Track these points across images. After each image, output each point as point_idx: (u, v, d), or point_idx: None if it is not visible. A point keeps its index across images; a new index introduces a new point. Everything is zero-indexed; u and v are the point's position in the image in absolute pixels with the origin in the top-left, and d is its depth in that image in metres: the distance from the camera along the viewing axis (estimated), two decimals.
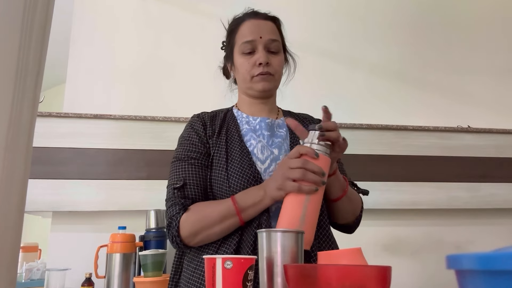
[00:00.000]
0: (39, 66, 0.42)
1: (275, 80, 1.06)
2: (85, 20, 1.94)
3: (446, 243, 1.87)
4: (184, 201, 0.97)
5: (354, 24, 2.17)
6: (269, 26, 1.07)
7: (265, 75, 1.03)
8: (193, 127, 1.09)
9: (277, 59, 1.05)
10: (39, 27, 0.42)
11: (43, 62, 0.43)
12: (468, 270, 0.35)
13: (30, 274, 1.92)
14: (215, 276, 0.65)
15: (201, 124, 1.09)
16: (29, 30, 0.41)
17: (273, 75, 1.05)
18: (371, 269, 0.55)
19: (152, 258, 1.29)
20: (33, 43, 0.41)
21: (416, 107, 2.09)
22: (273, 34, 1.06)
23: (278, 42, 1.06)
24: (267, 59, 1.02)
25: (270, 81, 1.05)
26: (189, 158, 1.03)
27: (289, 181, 0.82)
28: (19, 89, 0.40)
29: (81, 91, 1.85)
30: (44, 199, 1.58)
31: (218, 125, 1.09)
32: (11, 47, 0.39)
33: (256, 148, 1.03)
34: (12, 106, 0.39)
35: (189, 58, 1.97)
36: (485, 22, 2.30)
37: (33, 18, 0.41)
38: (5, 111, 0.39)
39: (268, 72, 1.03)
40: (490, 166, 1.92)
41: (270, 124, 1.09)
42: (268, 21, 1.08)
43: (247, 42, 1.04)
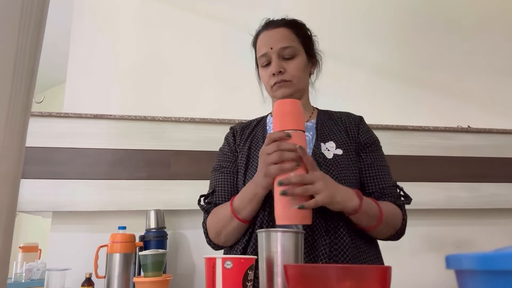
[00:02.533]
0: (34, 66, 0.42)
1: (293, 85, 1.07)
2: (85, 20, 1.94)
3: (446, 243, 1.86)
4: (208, 207, 1.08)
5: (354, 24, 2.17)
6: (280, 34, 1.08)
7: (281, 83, 1.06)
8: (226, 138, 1.20)
9: (293, 64, 1.07)
10: (35, 27, 0.42)
11: (37, 61, 0.43)
12: (468, 270, 0.35)
13: (30, 274, 1.92)
14: (215, 276, 0.65)
15: (232, 135, 1.18)
16: (26, 30, 0.41)
17: (289, 80, 1.06)
18: (371, 269, 0.55)
19: (152, 258, 1.29)
20: (28, 43, 0.41)
21: (416, 107, 2.09)
22: (284, 41, 1.07)
23: (291, 48, 1.07)
24: (278, 68, 1.05)
25: (288, 87, 1.07)
26: (220, 167, 1.13)
27: (271, 165, 0.85)
28: (15, 90, 0.40)
29: (81, 91, 1.85)
30: (44, 199, 1.58)
31: (247, 134, 1.16)
32: (9, 47, 0.39)
33: None
34: (9, 107, 0.39)
35: (189, 58, 1.97)
36: (485, 22, 2.30)
37: (30, 17, 0.41)
38: (2, 112, 0.39)
39: (283, 79, 1.06)
40: (490, 166, 1.92)
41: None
42: (280, 28, 1.09)
43: (262, 56, 1.09)
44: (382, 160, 1.09)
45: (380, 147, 1.12)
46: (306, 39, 1.12)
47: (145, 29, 1.98)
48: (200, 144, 1.71)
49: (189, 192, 1.66)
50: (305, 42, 1.11)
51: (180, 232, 1.69)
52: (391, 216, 0.99)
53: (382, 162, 1.08)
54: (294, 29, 1.10)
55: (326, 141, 1.06)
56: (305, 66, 1.10)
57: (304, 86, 1.12)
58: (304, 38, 1.12)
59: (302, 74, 1.09)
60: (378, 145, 1.12)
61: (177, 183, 1.67)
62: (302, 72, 1.09)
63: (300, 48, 1.09)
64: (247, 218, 0.97)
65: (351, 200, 0.89)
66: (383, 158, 1.10)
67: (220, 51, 2.00)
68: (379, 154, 1.10)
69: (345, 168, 1.01)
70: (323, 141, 1.06)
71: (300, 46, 1.09)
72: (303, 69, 1.09)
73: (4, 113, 0.39)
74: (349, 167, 1.02)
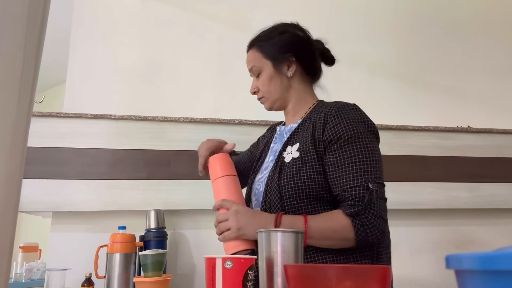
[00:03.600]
0: (36, 66, 0.42)
1: (267, 99, 1.16)
2: (85, 20, 1.94)
3: (446, 243, 1.86)
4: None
5: (354, 24, 2.17)
6: (248, 57, 1.18)
7: (260, 100, 1.17)
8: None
9: (260, 81, 1.15)
10: (39, 28, 0.42)
11: (39, 62, 0.43)
12: (468, 270, 0.35)
13: (30, 274, 1.92)
14: (215, 276, 0.65)
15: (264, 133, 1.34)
16: (32, 32, 0.41)
17: (263, 97, 1.16)
18: (371, 269, 0.55)
19: (152, 258, 1.29)
20: (35, 44, 0.41)
21: (416, 107, 2.09)
22: (250, 63, 1.16)
23: (254, 67, 1.15)
24: (252, 89, 1.17)
25: (264, 102, 1.17)
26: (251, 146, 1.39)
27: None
28: (23, 91, 0.40)
29: (81, 91, 1.85)
30: (44, 199, 1.58)
31: (268, 136, 1.28)
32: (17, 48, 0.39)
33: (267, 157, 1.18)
34: (17, 108, 0.39)
35: (189, 58, 1.97)
36: (485, 22, 2.30)
37: (36, 19, 0.41)
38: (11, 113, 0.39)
39: (259, 97, 1.17)
40: (490, 166, 1.92)
41: (279, 132, 1.20)
42: (248, 52, 1.18)
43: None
44: (348, 157, 0.97)
45: (351, 141, 0.99)
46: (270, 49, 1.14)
47: (145, 29, 1.98)
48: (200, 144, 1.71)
49: (189, 192, 1.66)
50: (269, 53, 1.14)
51: (180, 232, 1.69)
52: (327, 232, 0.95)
53: (348, 160, 0.97)
54: (256, 46, 1.16)
55: (294, 143, 1.07)
56: (273, 77, 1.13)
57: (279, 94, 1.14)
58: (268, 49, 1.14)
59: (271, 86, 1.13)
60: (348, 139, 0.99)
61: (177, 183, 1.67)
62: (270, 83, 1.13)
63: (264, 63, 1.14)
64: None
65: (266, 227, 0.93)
66: (351, 155, 0.97)
67: (220, 51, 2.00)
68: (345, 150, 0.98)
69: (297, 172, 1.00)
70: (291, 144, 1.08)
71: (265, 60, 1.14)
72: (270, 81, 1.13)
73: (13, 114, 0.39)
74: (303, 171, 0.99)
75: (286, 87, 1.14)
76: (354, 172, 0.96)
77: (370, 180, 0.95)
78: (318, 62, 1.19)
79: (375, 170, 0.97)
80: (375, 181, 0.96)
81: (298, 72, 1.14)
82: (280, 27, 1.16)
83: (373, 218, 0.94)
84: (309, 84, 1.18)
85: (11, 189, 0.39)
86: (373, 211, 0.94)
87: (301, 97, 1.16)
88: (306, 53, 1.16)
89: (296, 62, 1.13)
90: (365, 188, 0.95)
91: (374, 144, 1.01)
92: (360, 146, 0.98)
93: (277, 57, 1.13)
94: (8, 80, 0.39)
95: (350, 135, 0.99)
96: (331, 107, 1.06)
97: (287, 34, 1.15)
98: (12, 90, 0.39)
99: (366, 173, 0.96)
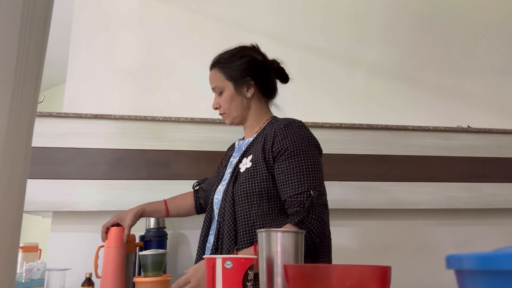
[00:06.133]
0: (39, 65, 0.42)
1: (228, 116, 1.27)
2: (85, 20, 1.94)
3: (446, 243, 1.86)
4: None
5: (354, 25, 2.17)
6: (211, 76, 1.29)
7: (222, 115, 1.29)
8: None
9: (221, 99, 1.26)
10: (39, 24, 0.42)
11: (43, 60, 0.43)
12: (468, 270, 0.35)
13: (30, 274, 1.92)
14: (215, 276, 0.65)
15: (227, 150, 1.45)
16: (28, 27, 0.41)
17: (224, 113, 1.27)
18: (371, 269, 0.55)
19: (152, 258, 1.29)
20: (32, 40, 0.41)
21: (416, 107, 2.09)
22: (213, 82, 1.27)
23: (216, 87, 1.26)
24: (215, 105, 1.28)
25: (226, 118, 1.29)
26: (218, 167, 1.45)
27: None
28: (18, 88, 0.40)
29: (81, 91, 1.84)
30: (44, 199, 1.57)
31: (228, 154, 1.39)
32: (9, 45, 0.39)
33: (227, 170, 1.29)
34: (11, 106, 0.39)
35: (189, 58, 1.97)
36: (485, 22, 2.30)
37: (33, 14, 0.41)
38: (4, 111, 0.39)
39: (220, 113, 1.29)
40: (490, 166, 1.92)
41: (237, 146, 1.34)
42: (211, 71, 1.29)
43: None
44: (295, 167, 1.10)
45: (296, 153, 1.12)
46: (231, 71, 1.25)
47: (145, 29, 1.98)
48: (200, 144, 1.71)
49: None
50: (231, 75, 1.24)
51: (180, 232, 1.69)
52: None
53: (294, 170, 1.10)
54: (219, 68, 1.26)
55: (248, 155, 1.19)
56: (233, 97, 1.24)
57: (239, 112, 1.26)
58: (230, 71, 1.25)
59: (233, 104, 1.25)
60: (293, 151, 1.12)
61: (177, 183, 1.67)
62: (231, 103, 1.25)
63: (225, 83, 1.25)
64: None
65: None
66: (296, 165, 1.10)
67: (220, 51, 2.00)
68: (292, 161, 1.11)
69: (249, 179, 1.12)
70: (246, 155, 1.20)
71: (226, 81, 1.25)
72: (231, 101, 1.25)
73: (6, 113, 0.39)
74: (254, 178, 1.12)
75: (245, 107, 1.27)
76: (298, 181, 1.09)
77: (312, 188, 1.07)
78: (274, 82, 1.31)
79: (316, 179, 1.10)
80: (315, 189, 1.08)
81: (256, 93, 1.27)
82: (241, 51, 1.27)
83: (315, 222, 1.06)
84: (265, 103, 1.31)
85: (17, 190, 0.39)
86: (313, 216, 1.06)
87: (258, 115, 1.29)
88: (264, 75, 1.28)
89: (254, 85, 1.26)
90: (307, 195, 1.07)
91: (316, 157, 1.14)
92: (303, 158, 1.11)
93: (238, 79, 1.25)
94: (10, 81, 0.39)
95: (295, 148, 1.12)
96: (279, 123, 1.19)
97: (247, 58, 1.26)
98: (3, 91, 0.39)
99: (308, 182, 1.09)
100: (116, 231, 1.40)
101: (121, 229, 1.42)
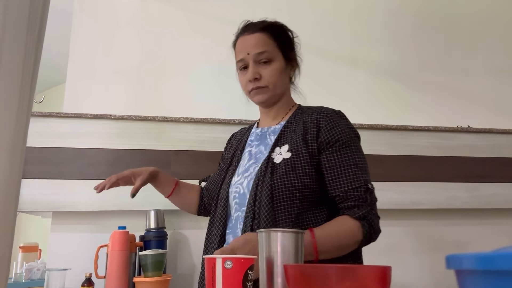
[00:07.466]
0: (35, 67, 0.42)
1: (269, 90, 1.09)
2: (85, 20, 1.94)
3: (446, 243, 1.86)
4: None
5: (355, 24, 2.17)
6: (256, 40, 1.09)
7: (257, 90, 1.09)
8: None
9: (269, 69, 1.08)
10: (39, 29, 0.42)
11: (38, 62, 0.43)
12: (468, 270, 0.35)
13: (30, 274, 1.92)
14: (215, 276, 0.65)
15: (228, 142, 1.32)
16: (31, 33, 0.41)
17: (265, 86, 1.08)
18: (371, 269, 0.55)
19: (152, 258, 1.29)
20: (34, 45, 0.41)
21: (416, 107, 2.09)
22: (260, 47, 1.08)
23: (266, 53, 1.07)
24: (254, 74, 1.07)
25: (264, 93, 1.09)
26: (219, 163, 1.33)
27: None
28: (23, 90, 0.40)
29: (81, 91, 1.85)
30: (44, 199, 1.57)
31: (238, 140, 1.24)
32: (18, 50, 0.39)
33: (243, 161, 1.14)
34: (18, 107, 0.39)
35: (189, 58, 1.97)
36: (485, 22, 2.30)
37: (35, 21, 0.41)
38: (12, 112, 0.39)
39: (259, 86, 1.08)
40: (490, 166, 1.92)
41: (260, 134, 1.16)
42: (256, 34, 1.09)
43: (239, 61, 1.11)
44: (348, 160, 1.01)
45: (347, 144, 1.03)
46: (284, 43, 1.12)
47: (145, 29, 1.98)
48: (200, 144, 1.71)
49: None
50: (283, 46, 1.12)
51: (180, 232, 1.69)
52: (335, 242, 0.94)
53: (347, 162, 1.01)
54: (270, 34, 1.10)
55: (282, 144, 1.06)
56: (283, 70, 1.10)
57: (281, 91, 1.13)
58: (282, 41, 1.12)
59: (279, 79, 1.10)
60: (344, 142, 1.03)
61: None
62: (279, 77, 1.09)
63: (277, 53, 1.09)
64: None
65: None
66: (350, 157, 1.01)
67: (220, 51, 2.00)
68: (343, 153, 1.02)
69: (289, 172, 0.99)
70: (279, 145, 1.06)
71: (277, 50, 1.10)
72: (280, 74, 1.09)
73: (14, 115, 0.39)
74: (295, 171, 0.99)
75: (286, 87, 1.16)
76: (354, 174, 0.99)
77: (368, 182, 1.00)
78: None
79: (368, 173, 1.03)
80: (370, 183, 1.01)
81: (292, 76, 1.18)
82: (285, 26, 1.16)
83: (375, 219, 0.98)
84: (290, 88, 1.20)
85: (10, 189, 0.39)
86: (374, 212, 0.99)
87: (287, 100, 1.18)
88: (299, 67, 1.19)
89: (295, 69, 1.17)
90: (365, 188, 0.99)
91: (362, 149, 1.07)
92: (355, 150, 1.03)
93: (289, 54, 1.13)
94: (8, 81, 0.39)
95: (346, 139, 1.03)
96: (321, 111, 1.09)
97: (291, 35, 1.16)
98: (12, 91, 0.39)
99: (364, 175, 1.01)
100: (120, 235, 1.41)
101: (125, 232, 1.43)
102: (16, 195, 0.40)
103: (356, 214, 0.96)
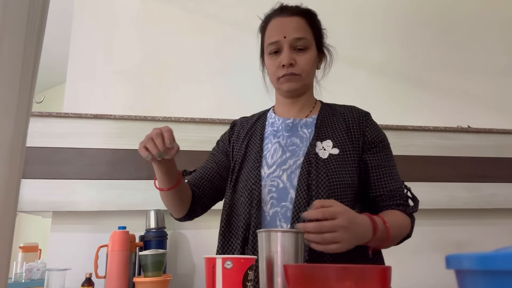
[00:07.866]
0: (35, 68, 0.42)
1: (302, 79, 1.03)
2: (85, 20, 1.94)
3: (446, 243, 1.86)
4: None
5: (355, 24, 2.17)
6: (295, 23, 1.02)
7: (289, 76, 1.01)
8: (229, 129, 1.20)
9: (304, 57, 1.01)
10: (38, 29, 0.42)
11: (38, 63, 0.43)
12: (468, 270, 0.35)
13: (30, 274, 1.92)
14: (215, 276, 0.65)
15: (230, 128, 1.19)
16: (31, 33, 0.41)
17: (298, 74, 1.01)
18: (371, 269, 0.54)
19: (152, 258, 1.29)
20: (33, 45, 0.41)
21: (416, 107, 2.09)
22: (299, 32, 1.01)
23: (304, 40, 1.01)
24: (290, 59, 1.00)
25: (296, 81, 1.02)
26: (211, 154, 1.18)
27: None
28: (22, 90, 0.40)
29: (81, 91, 1.84)
30: (44, 199, 1.57)
31: (246, 129, 1.13)
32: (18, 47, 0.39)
33: (269, 152, 1.04)
34: (18, 107, 0.39)
35: (189, 58, 1.97)
36: (485, 23, 2.30)
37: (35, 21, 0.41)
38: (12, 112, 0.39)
39: (293, 72, 1.01)
40: (490, 166, 1.92)
41: (291, 125, 1.07)
42: (295, 17, 1.03)
43: (272, 44, 1.03)
44: (390, 160, 1.04)
45: (387, 145, 1.07)
46: (318, 32, 1.08)
47: (145, 28, 1.98)
48: (200, 144, 1.71)
49: None
50: (317, 34, 1.07)
51: (180, 232, 1.69)
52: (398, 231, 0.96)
53: (390, 162, 1.04)
54: (308, 20, 1.05)
55: (323, 139, 1.01)
56: (314, 61, 1.05)
57: (311, 81, 1.09)
58: (316, 30, 1.07)
59: (312, 69, 1.05)
60: (386, 143, 1.06)
61: None
62: (312, 67, 1.04)
63: (312, 41, 1.04)
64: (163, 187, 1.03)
65: (366, 238, 0.85)
66: (391, 158, 1.05)
67: (220, 51, 2.00)
68: (386, 153, 1.05)
69: (340, 169, 0.96)
70: (320, 139, 1.01)
71: (312, 39, 1.04)
72: (313, 64, 1.05)
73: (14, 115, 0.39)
74: (345, 168, 0.97)
75: (313, 78, 1.11)
76: (396, 174, 1.04)
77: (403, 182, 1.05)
78: None
79: None
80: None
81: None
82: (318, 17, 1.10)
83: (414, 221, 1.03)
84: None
85: (10, 189, 0.39)
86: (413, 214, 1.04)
87: (312, 93, 1.13)
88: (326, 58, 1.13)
89: (323, 61, 1.12)
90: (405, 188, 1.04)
91: None
92: (390, 151, 1.08)
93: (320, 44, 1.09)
94: (8, 81, 0.39)
95: (386, 140, 1.07)
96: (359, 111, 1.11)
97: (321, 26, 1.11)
98: (12, 91, 0.39)
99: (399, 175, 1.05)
100: (120, 235, 1.41)
101: (125, 232, 1.43)
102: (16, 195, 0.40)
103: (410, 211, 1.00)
